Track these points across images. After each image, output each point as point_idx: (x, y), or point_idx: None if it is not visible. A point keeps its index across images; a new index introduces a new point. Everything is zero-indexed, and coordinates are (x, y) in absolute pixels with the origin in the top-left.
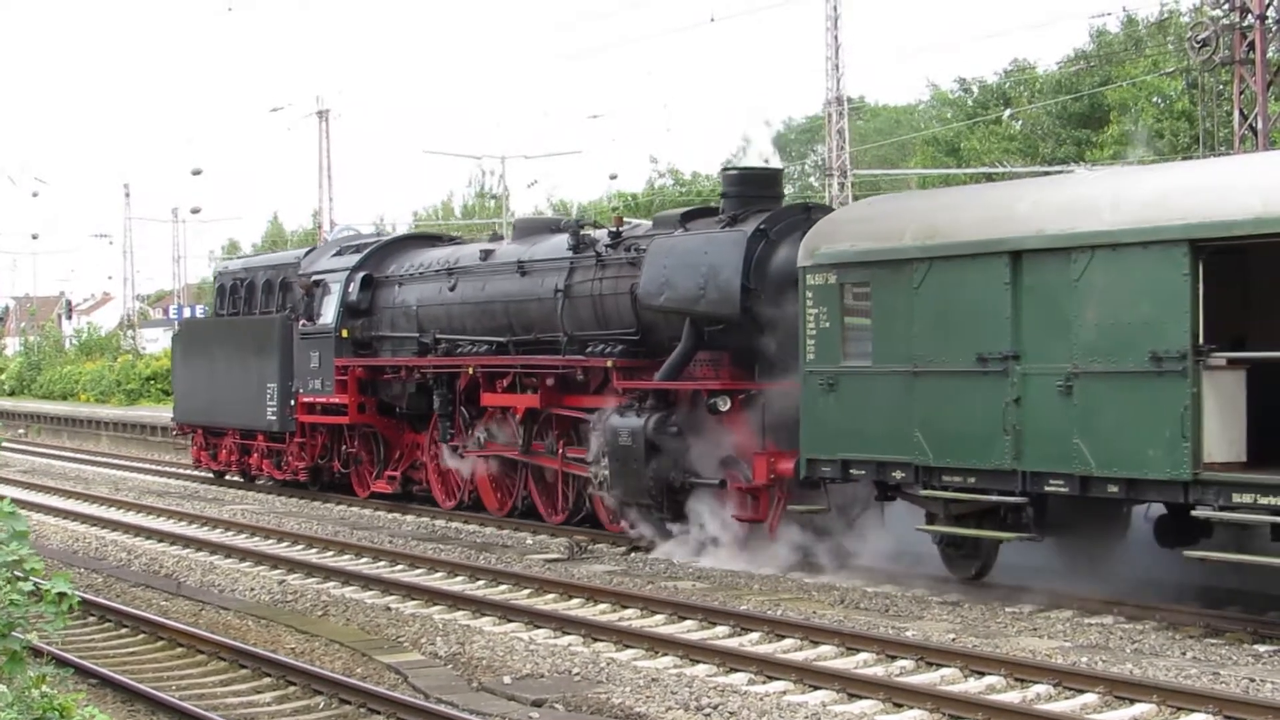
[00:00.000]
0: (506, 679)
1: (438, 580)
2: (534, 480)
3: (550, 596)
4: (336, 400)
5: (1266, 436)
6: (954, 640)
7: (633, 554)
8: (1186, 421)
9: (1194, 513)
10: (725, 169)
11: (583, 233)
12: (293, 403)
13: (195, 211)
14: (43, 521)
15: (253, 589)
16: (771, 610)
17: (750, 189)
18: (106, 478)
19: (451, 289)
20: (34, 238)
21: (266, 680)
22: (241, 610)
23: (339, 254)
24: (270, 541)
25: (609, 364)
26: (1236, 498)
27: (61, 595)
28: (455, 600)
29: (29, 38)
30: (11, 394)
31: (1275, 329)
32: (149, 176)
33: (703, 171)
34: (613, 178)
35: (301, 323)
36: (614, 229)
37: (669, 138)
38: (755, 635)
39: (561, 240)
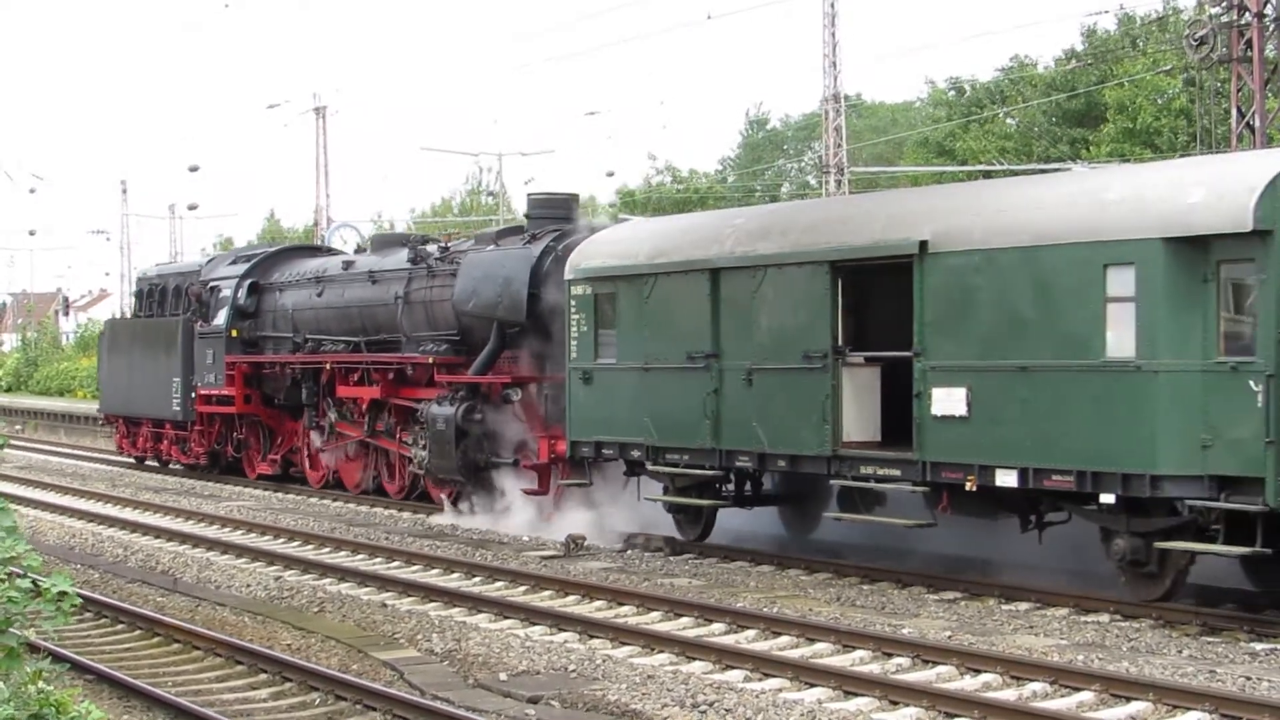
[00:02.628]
0: (502, 676)
1: (434, 577)
2: (381, 462)
3: (546, 593)
4: (226, 392)
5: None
6: (950, 638)
7: (629, 551)
8: (828, 408)
9: (831, 482)
10: (530, 195)
11: (420, 247)
12: (193, 395)
13: (192, 208)
14: (39, 518)
15: (249, 585)
16: (767, 607)
17: (549, 211)
18: (104, 474)
19: (319, 295)
20: (31, 234)
21: (262, 676)
22: (238, 606)
23: (234, 263)
24: (266, 538)
25: (431, 360)
26: (864, 469)
27: (63, 594)
28: (451, 597)
29: (27, 34)
30: (8, 390)
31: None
32: (147, 173)
33: (700, 168)
34: (610, 175)
35: (200, 324)
36: (444, 244)
37: (666, 134)
38: (751, 632)
39: (405, 253)
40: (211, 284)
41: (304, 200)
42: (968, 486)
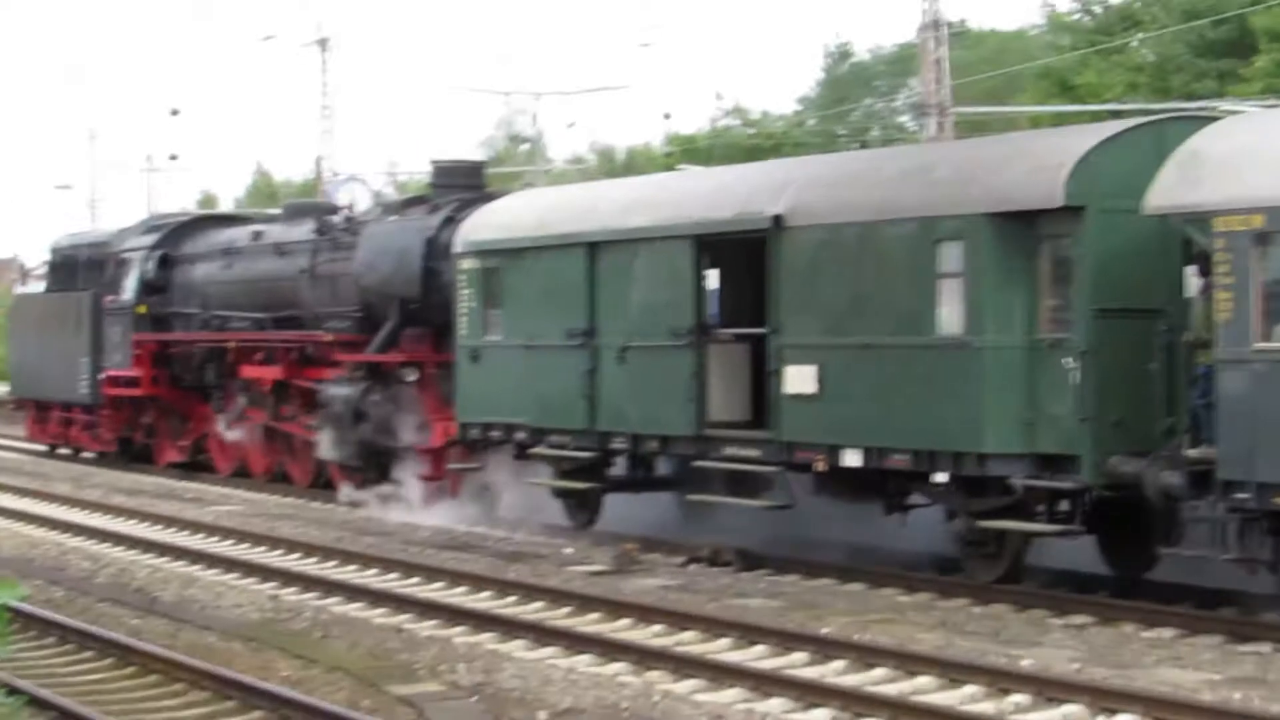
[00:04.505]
0: (542, 715)
1: (459, 596)
2: (286, 448)
3: (593, 616)
4: (134, 373)
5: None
6: (1079, 670)
7: (692, 566)
8: (693, 387)
9: (696, 463)
10: (434, 162)
11: (326, 217)
12: (101, 376)
13: (173, 158)
14: None
15: (240, 605)
16: (859, 634)
17: (454, 179)
18: (68, 473)
19: (228, 268)
20: None
21: (256, 714)
22: (226, 631)
23: (146, 233)
24: (260, 549)
25: (330, 338)
26: (727, 450)
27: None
28: (480, 620)
29: None
30: None
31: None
32: (119, 119)
33: (775, 109)
34: (666, 117)
35: (108, 299)
36: (349, 214)
37: (735, 70)
38: (839, 664)
39: (311, 224)
40: (121, 255)
41: (303, 150)
42: (817, 467)
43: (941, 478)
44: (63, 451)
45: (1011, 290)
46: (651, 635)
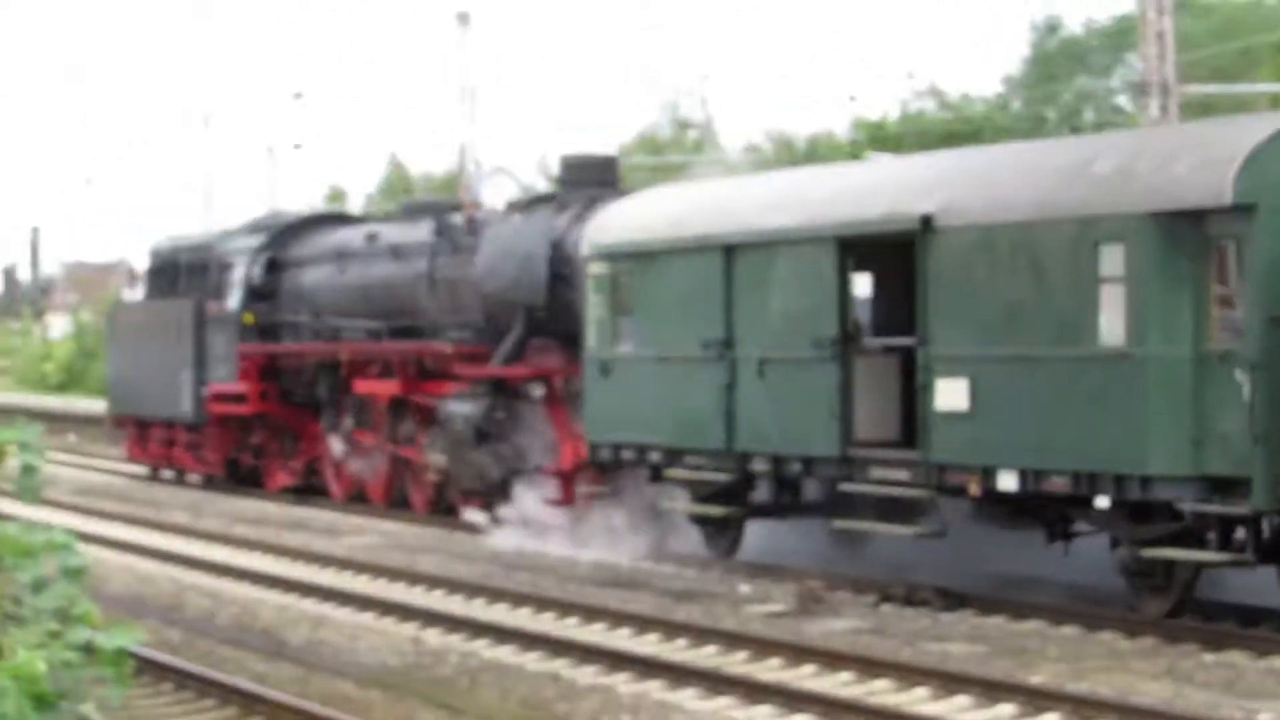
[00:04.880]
0: None
1: (622, 639)
2: (406, 468)
3: (773, 662)
4: (240, 389)
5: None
6: None
7: (885, 606)
8: (837, 403)
9: (841, 487)
10: (563, 157)
11: (445, 216)
12: (205, 391)
13: (297, 148)
14: (102, 558)
15: (378, 649)
16: (1074, 683)
17: (584, 175)
18: (186, 501)
19: (340, 272)
20: (87, 183)
21: None
22: (363, 677)
23: (252, 234)
24: (400, 586)
25: (449, 350)
26: (874, 473)
27: (121, 653)
28: (646, 666)
29: None
30: (59, 388)
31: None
32: (237, 103)
33: (975, 90)
34: (852, 99)
35: (211, 306)
36: (470, 214)
37: (929, 47)
38: (1052, 716)
39: (430, 225)
40: (225, 259)
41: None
42: (970, 491)
43: (1103, 502)
44: (166, 475)
45: (1177, 297)
46: (839, 684)
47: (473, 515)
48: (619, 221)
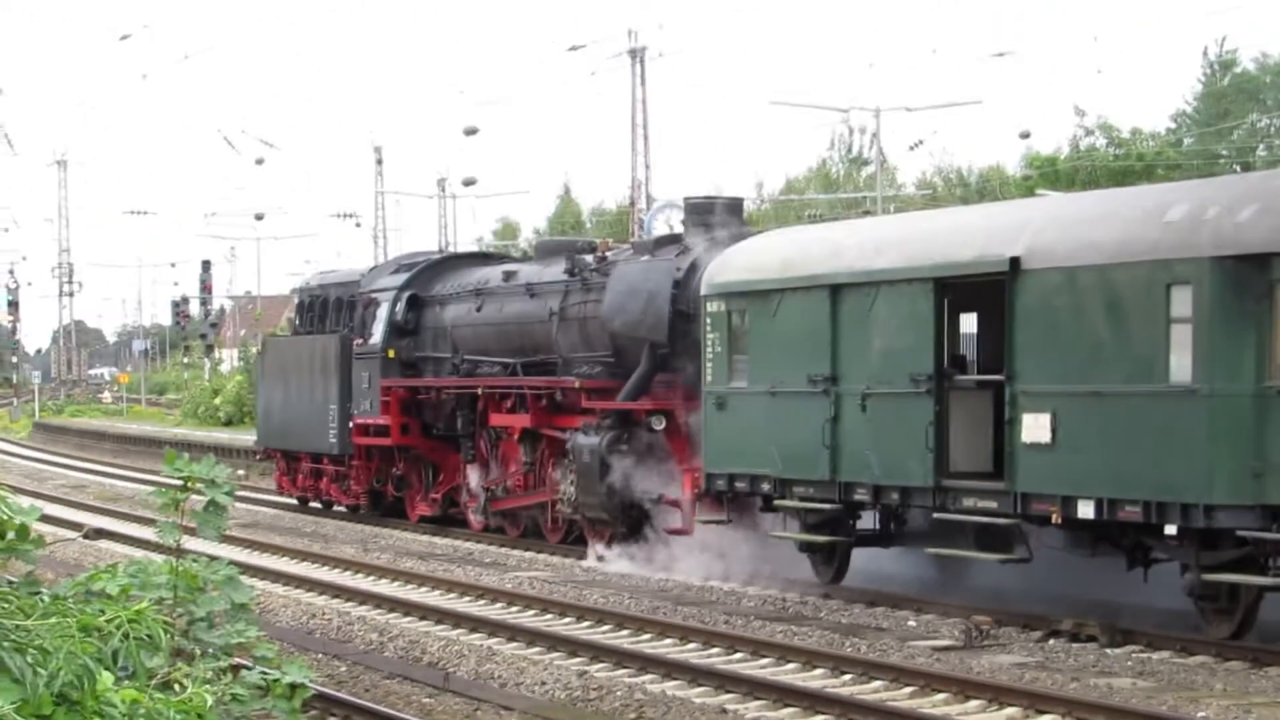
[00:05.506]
0: None
1: (789, 673)
2: (539, 503)
3: (939, 697)
4: (382, 421)
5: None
6: None
7: (1051, 640)
8: (932, 435)
9: (935, 515)
10: (686, 199)
11: (578, 256)
12: (350, 424)
13: (469, 184)
14: (269, 591)
15: (544, 683)
16: (1240, 718)
17: (709, 217)
18: (354, 534)
19: (478, 310)
20: (258, 219)
21: None
22: (529, 711)
23: (395, 272)
24: (567, 620)
25: (577, 384)
26: (966, 502)
27: (294, 687)
28: (813, 700)
29: None
30: (228, 424)
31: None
32: (409, 139)
33: (1146, 126)
34: (1024, 136)
35: (357, 342)
36: (600, 254)
37: (1100, 81)
38: None
39: (564, 264)
40: (370, 296)
41: (613, 173)
42: (1053, 519)
43: (1171, 530)
44: (314, 505)
45: (1241, 336)
46: (1006, 719)
47: (598, 546)
48: (736, 262)
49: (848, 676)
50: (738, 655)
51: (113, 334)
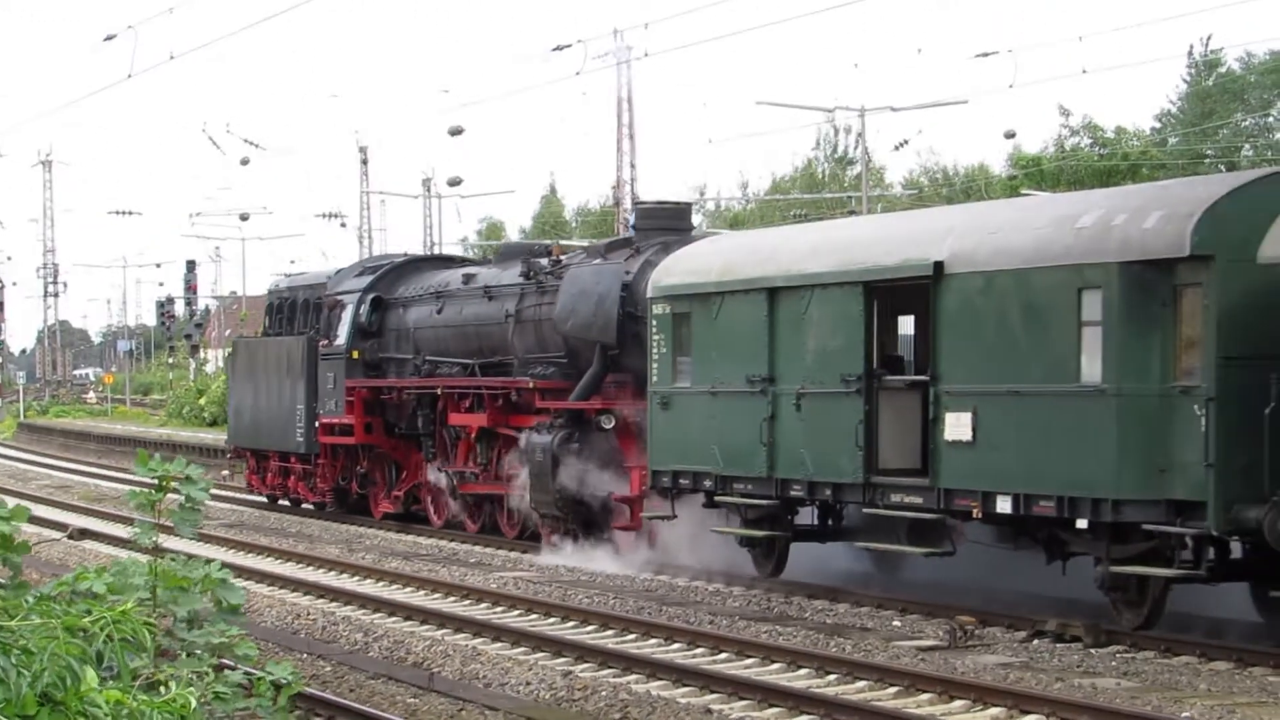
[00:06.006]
0: None
1: (774, 674)
2: (497, 497)
3: (924, 697)
4: (346, 421)
5: None
6: None
7: (1035, 641)
8: (861, 433)
9: (864, 510)
10: (636, 204)
11: (533, 259)
12: (317, 424)
13: (454, 184)
14: (254, 591)
15: (528, 683)
16: (1224, 718)
17: (658, 221)
18: (338, 534)
19: (439, 312)
20: (243, 219)
21: None
22: (515, 711)
23: (360, 275)
24: (552, 621)
25: (531, 384)
26: (893, 498)
27: (277, 686)
28: (798, 700)
29: None
30: (214, 424)
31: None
32: (394, 139)
33: (1131, 125)
34: (1009, 136)
35: (323, 343)
36: (554, 258)
37: (1085, 81)
38: None
39: (519, 267)
40: (335, 298)
41: (598, 173)
42: (974, 514)
43: (1082, 524)
44: (283, 503)
45: (1147, 338)
46: (990, 719)
47: (551, 541)
48: (680, 266)
49: (832, 676)
50: (723, 655)
51: (98, 334)
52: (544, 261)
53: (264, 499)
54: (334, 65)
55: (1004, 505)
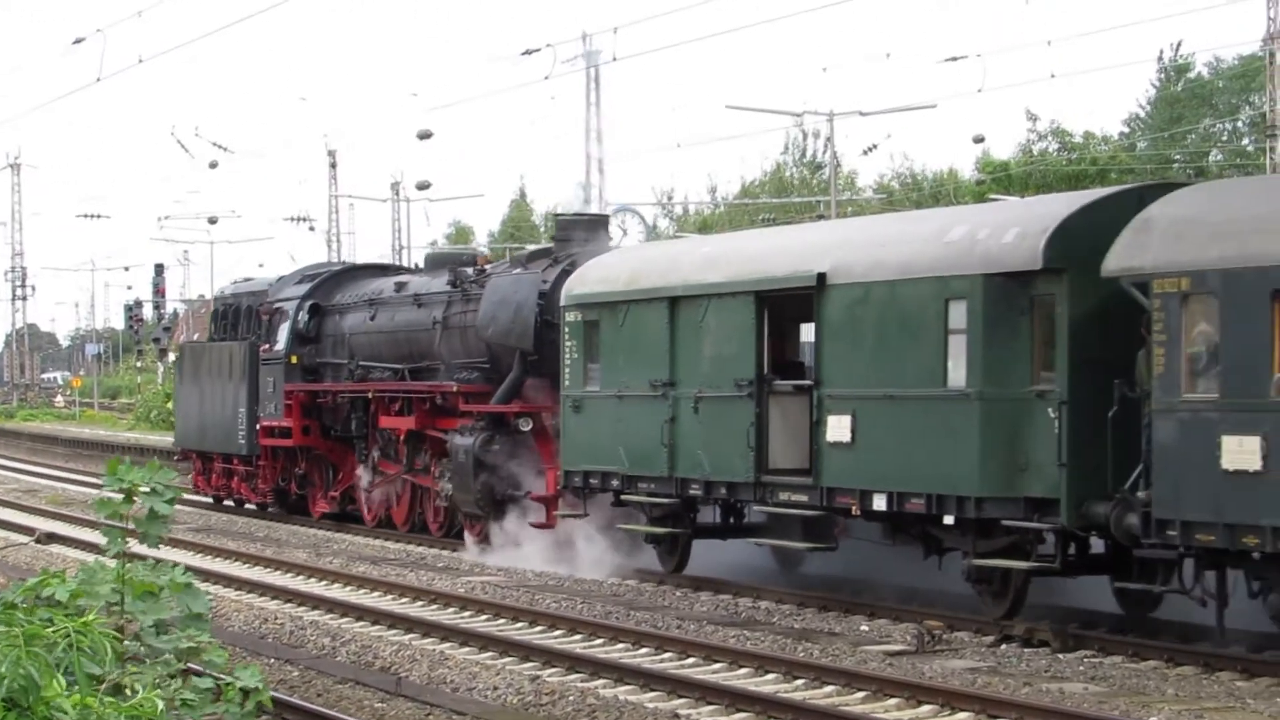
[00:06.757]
0: None
1: (741, 678)
2: (425, 497)
3: (891, 702)
4: (285, 424)
5: None
6: None
7: (1003, 645)
8: (753, 435)
9: (755, 508)
10: (557, 216)
11: (460, 268)
12: (258, 426)
13: (423, 187)
14: (221, 596)
15: (496, 688)
16: None
17: (576, 232)
18: (306, 538)
19: (372, 318)
20: (211, 222)
21: None
22: (482, 715)
23: (300, 282)
24: (519, 625)
25: (455, 389)
26: (782, 496)
27: (246, 692)
28: (766, 705)
29: None
30: None
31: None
32: (364, 143)
33: (1100, 130)
34: (978, 140)
35: (264, 348)
36: (480, 267)
37: (1053, 86)
38: None
39: (447, 275)
40: (276, 305)
41: (568, 176)
42: (853, 511)
43: (949, 520)
44: (227, 503)
45: (1007, 345)
46: None
47: (473, 538)
48: (590, 275)
49: (800, 681)
50: (690, 660)
51: (66, 338)
52: (469, 270)
53: (209, 500)
54: (303, 69)
55: (880, 503)
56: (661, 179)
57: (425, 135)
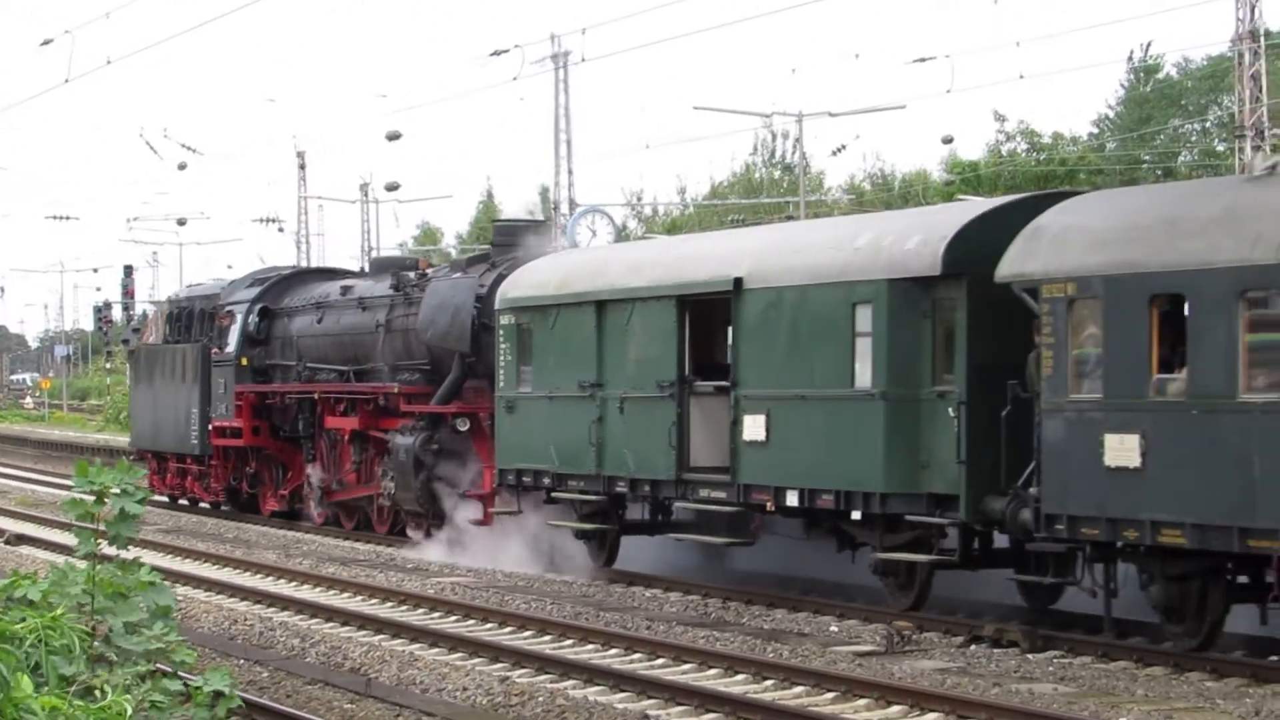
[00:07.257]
0: None
1: (710, 679)
2: (368, 497)
3: (861, 702)
4: (236, 424)
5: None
6: None
7: (973, 646)
8: (674, 434)
9: (676, 504)
10: (494, 221)
11: (403, 273)
12: (210, 427)
13: (392, 189)
14: (190, 597)
15: (465, 689)
16: None
17: (514, 237)
18: (275, 539)
19: (319, 321)
20: (180, 224)
21: None
22: (452, 716)
23: (250, 286)
24: (489, 626)
25: (396, 390)
26: (702, 493)
27: (217, 695)
28: (735, 705)
29: None
30: None
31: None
32: (333, 144)
33: (1069, 131)
34: (947, 141)
35: (215, 350)
36: (421, 271)
37: (1022, 87)
38: None
39: (390, 279)
40: (227, 308)
41: (536, 178)
42: (767, 507)
43: (856, 515)
44: (182, 502)
45: (909, 348)
46: None
47: (416, 535)
48: (524, 280)
49: (770, 682)
50: (660, 661)
51: (35, 339)
52: (411, 274)
53: (165, 499)
54: (271, 70)
55: (792, 499)
56: (630, 180)
57: (394, 136)
